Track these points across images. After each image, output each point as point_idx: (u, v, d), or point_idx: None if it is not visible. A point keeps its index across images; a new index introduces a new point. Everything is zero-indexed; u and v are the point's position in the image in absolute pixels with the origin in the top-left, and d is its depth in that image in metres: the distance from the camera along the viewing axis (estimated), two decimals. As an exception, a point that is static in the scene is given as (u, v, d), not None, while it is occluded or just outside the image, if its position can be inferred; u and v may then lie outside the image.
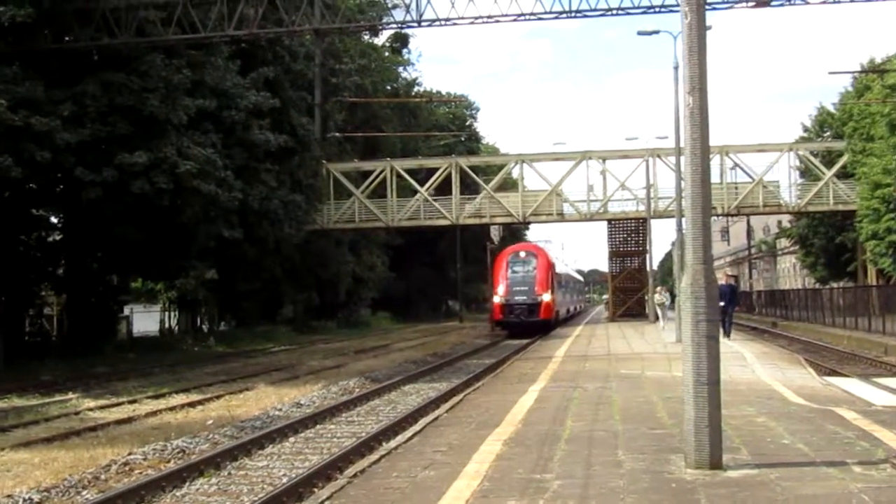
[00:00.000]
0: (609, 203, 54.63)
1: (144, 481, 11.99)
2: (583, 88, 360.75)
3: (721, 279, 35.68)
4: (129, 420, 19.81)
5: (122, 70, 31.85)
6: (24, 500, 11.44)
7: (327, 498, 8.73)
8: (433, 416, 15.07)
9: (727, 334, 31.65)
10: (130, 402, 23.03)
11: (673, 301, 37.98)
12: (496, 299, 47.93)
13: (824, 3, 31.79)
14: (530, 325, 45.43)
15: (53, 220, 38.21)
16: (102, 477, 12.92)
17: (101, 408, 22.20)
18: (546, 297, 46.74)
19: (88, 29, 31.57)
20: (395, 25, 49.74)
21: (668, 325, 36.89)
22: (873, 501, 7.78)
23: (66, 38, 31.75)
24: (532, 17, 33.85)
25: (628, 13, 32.25)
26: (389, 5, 39.70)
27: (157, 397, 23.85)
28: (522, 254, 50.43)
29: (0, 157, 28.29)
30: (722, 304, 31.35)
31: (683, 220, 13.13)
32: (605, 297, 74.59)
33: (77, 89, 30.48)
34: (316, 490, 10.18)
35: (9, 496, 11.63)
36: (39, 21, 29.63)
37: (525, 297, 46.53)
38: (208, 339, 48.71)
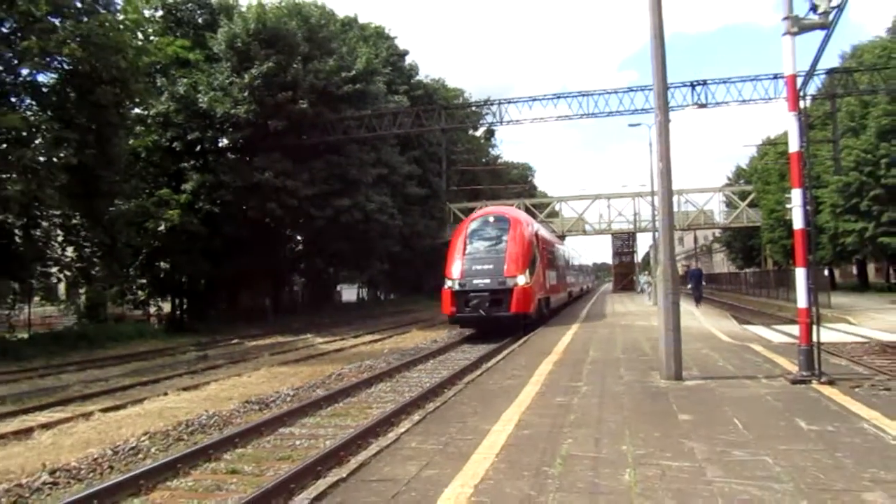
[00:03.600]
0: (612, 224, 53.97)
1: (350, 384, 12.22)
2: (596, 156, 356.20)
3: (692, 266, 34.51)
4: (340, 349, 20.22)
5: (335, 153, 32.51)
6: (285, 393, 11.79)
7: (453, 395, 8.74)
8: (510, 349, 14.95)
9: (698, 303, 29.22)
10: (341, 339, 23.48)
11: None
12: (447, 284, 20.77)
13: (740, 104, 30.85)
14: (496, 321, 19.95)
15: (298, 237, 39.15)
16: (327, 382, 13.24)
17: (325, 342, 22.71)
18: (522, 280, 20.20)
19: (316, 131, 32.33)
20: (486, 124, 49.75)
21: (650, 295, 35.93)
22: (774, 400, 7.57)
23: (303, 136, 32.54)
24: (566, 118, 33.72)
25: (622, 115, 31.82)
26: (484, 113, 39.65)
27: (355, 337, 24.28)
28: (491, 218, 22.66)
29: (271, 204, 29.21)
30: (694, 283, 30.11)
31: (657, 233, 12.86)
32: (608, 279, 73.21)
33: (310, 164, 31.19)
34: (446, 391, 10.23)
35: (276, 392, 11.99)
36: (290, 128, 30.46)
37: (489, 281, 20.25)
38: (383, 304, 49.34)
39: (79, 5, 21.34)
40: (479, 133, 71.24)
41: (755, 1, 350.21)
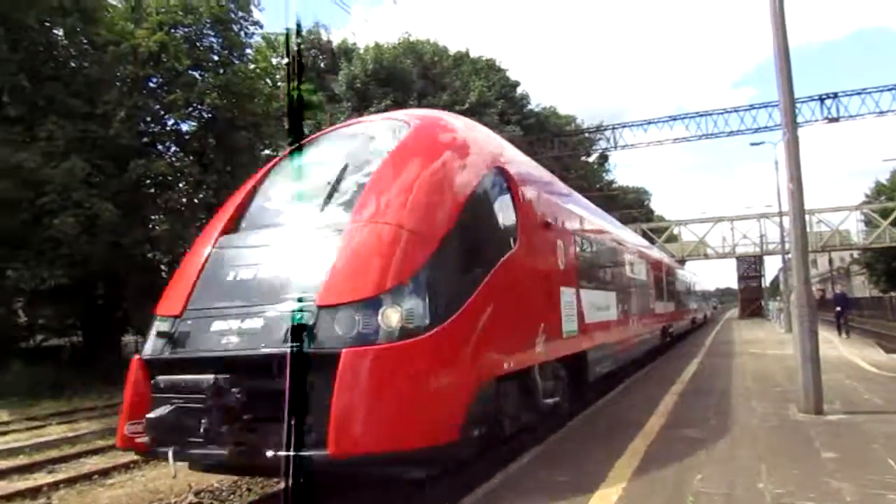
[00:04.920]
0: (736, 247, 51.47)
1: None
2: (716, 177, 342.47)
3: (834, 290, 31.13)
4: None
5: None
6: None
7: (576, 425, 8.50)
8: (640, 374, 14.42)
9: (847, 333, 24.12)
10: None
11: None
12: (145, 349, 4.78)
13: (877, 116, 28.65)
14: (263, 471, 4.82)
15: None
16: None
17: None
18: (393, 318, 3.84)
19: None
20: (600, 150, 49.03)
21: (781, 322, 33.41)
22: (933, 437, 6.83)
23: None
24: (684, 140, 32.57)
25: (743, 134, 30.35)
26: (597, 138, 39.10)
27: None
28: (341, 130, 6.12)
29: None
30: (839, 308, 25.01)
31: (788, 256, 12.08)
32: (734, 305, 69.75)
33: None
34: (566, 420, 9.93)
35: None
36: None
37: (255, 325, 3.87)
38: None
39: (216, 58, 23.09)
40: (591, 159, 70.34)
41: (891, 3, 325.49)
